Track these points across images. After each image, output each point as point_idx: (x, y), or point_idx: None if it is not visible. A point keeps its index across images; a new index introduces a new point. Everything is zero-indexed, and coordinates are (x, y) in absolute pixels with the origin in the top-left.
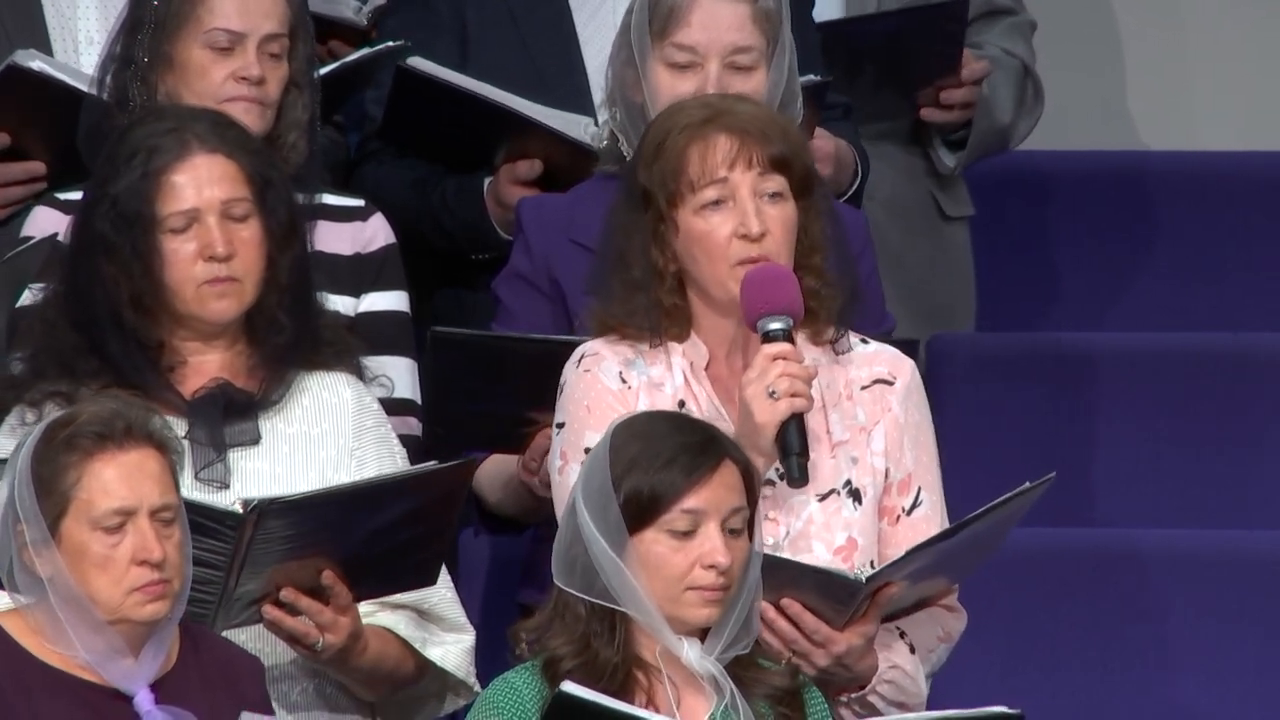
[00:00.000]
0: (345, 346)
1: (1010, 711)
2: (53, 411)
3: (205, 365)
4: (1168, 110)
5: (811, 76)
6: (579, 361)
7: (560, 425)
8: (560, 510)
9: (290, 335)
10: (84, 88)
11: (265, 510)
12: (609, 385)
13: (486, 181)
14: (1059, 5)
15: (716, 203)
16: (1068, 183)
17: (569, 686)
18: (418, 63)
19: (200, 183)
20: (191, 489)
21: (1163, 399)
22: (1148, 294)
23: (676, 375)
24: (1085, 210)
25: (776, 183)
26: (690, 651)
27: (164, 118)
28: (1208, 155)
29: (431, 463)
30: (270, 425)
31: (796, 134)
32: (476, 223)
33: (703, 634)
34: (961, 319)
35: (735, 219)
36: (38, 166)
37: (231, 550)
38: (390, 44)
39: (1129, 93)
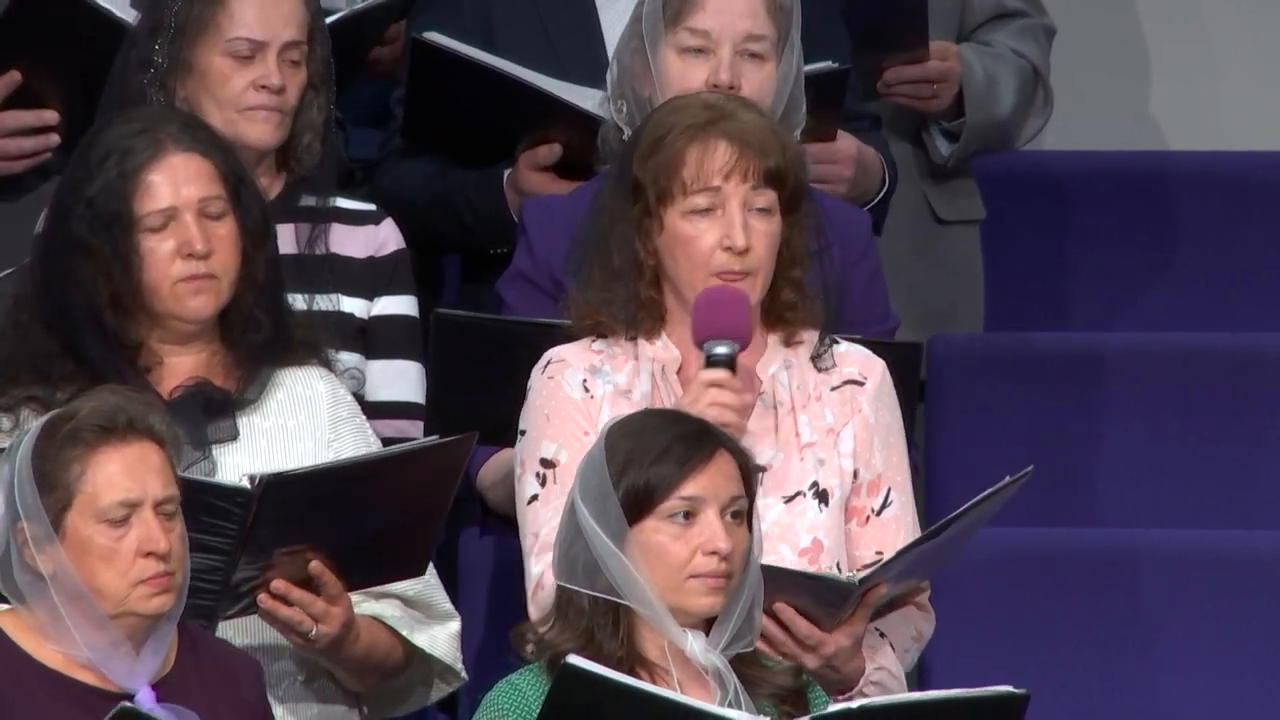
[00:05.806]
0: (315, 341)
1: (1016, 691)
2: (30, 417)
3: (180, 367)
4: (1167, 112)
5: (830, 63)
6: (545, 368)
7: (522, 432)
8: (520, 514)
9: (268, 332)
10: (123, 16)
11: (271, 484)
12: (570, 394)
13: (506, 173)
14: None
15: (706, 210)
16: (1066, 183)
17: (574, 659)
18: (433, 36)
19: (177, 181)
20: None
21: (1163, 399)
22: (1147, 294)
23: (644, 380)
24: (1084, 211)
25: (767, 198)
26: (694, 644)
27: (132, 120)
28: (1208, 155)
29: (433, 437)
30: (247, 421)
31: (795, 148)
32: (496, 214)
33: (707, 628)
34: (965, 323)
35: (721, 230)
36: (50, 115)
37: (238, 531)
38: None
39: (1145, 93)
